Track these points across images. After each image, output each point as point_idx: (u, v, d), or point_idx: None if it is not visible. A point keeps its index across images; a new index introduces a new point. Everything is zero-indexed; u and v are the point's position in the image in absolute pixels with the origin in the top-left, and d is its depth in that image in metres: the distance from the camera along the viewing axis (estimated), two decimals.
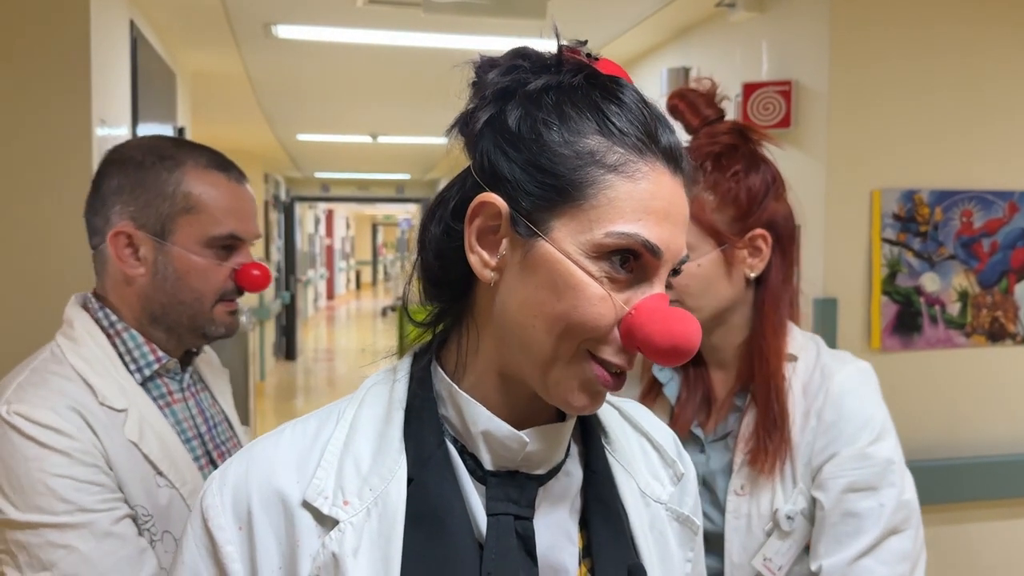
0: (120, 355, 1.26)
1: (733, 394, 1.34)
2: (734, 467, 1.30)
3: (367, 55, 4.10)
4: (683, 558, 0.86)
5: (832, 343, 2.60)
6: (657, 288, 0.72)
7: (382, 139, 7.14)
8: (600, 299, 0.69)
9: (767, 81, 2.78)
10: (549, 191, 0.71)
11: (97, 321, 1.28)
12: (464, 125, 0.77)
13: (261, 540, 0.72)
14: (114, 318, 1.28)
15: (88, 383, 1.20)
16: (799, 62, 2.74)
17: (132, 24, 3.00)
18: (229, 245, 1.29)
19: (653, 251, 0.70)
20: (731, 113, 3.14)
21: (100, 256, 1.30)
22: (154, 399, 1.27)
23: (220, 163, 1.29)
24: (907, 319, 2.63)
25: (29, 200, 2.32)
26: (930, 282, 2.65)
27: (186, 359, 1.37)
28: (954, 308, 2.67)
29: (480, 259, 0.74)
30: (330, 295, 22.29)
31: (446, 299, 0.80)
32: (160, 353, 1.28)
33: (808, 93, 2.68)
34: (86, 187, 2.35)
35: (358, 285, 29.26)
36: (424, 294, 0.81)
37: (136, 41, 3.04)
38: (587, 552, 0.78)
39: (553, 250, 0.70)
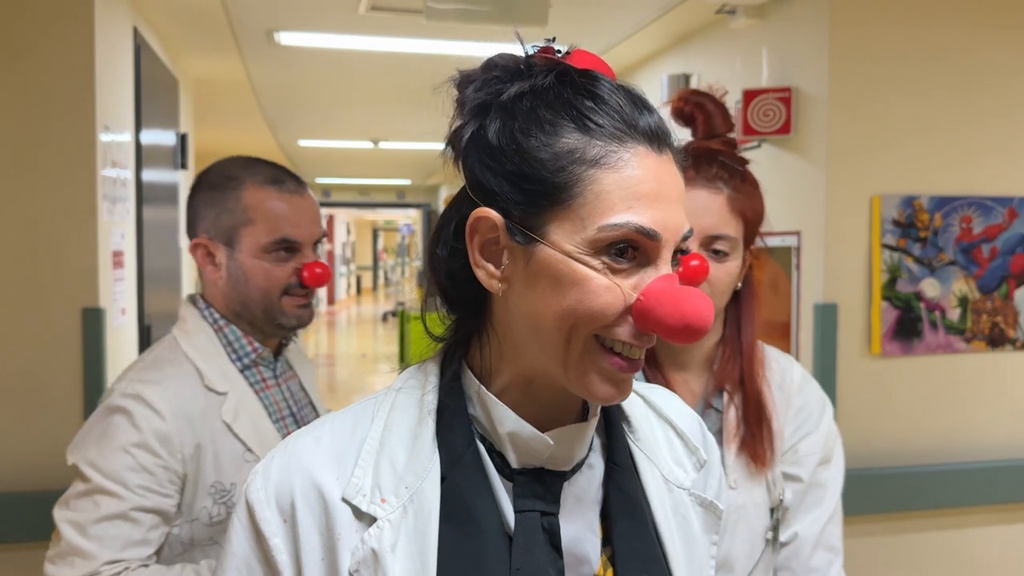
0: (223, 346, 1.49)
1: (711, 396, 1.38)
2: (726, 464, 1.34)
3: (369, 62, 4.12)
4: (708, 541, 0.88)
5: (832, 348, 2.61)
6: (663, 269, 0.72)
7: (383, 145, 7.16)
8: (606, 289, 0.71)
9: (767, 88, 2.80)
10: (537, 197, 0.72)
11: (203, 317, 1.51)
12: (451, 143, 0.79)
13: (305, 532, 0.75)
14: (217, 315, 1.51)
15: (197, 368, 1.43)
16: (799, 69, 2.75)
17: (135, 31, 3.01)
18: (288, 248, 1.48)
19: (649, 235, 0.71)
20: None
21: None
22: (251, 384, 1.50)
23: (275, 178, 1.50)
24: (907, 324, 2.63)
25: (33, 205, 2.33)
26: (930, 287, 2.65)
27: (279, 350, 1.59)
28: (954, 313, 2.67)
29: (486, 272, 0.75)
30: (331, 300, 22.29)
31: (464, 312, 0.82)
32: (256, 344, 1.51)
33: (808, 99, 2.69)
34: (90, 192, 2.37)
35: (359, 290, 29.25)
36: (444, 307, 0.83)
37: (139, 48, 3.06)
38: (607, 541, 0.80)
39: (552, 252, 0.71)
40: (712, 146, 1.36)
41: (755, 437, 1.33)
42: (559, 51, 0.78)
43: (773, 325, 2.88)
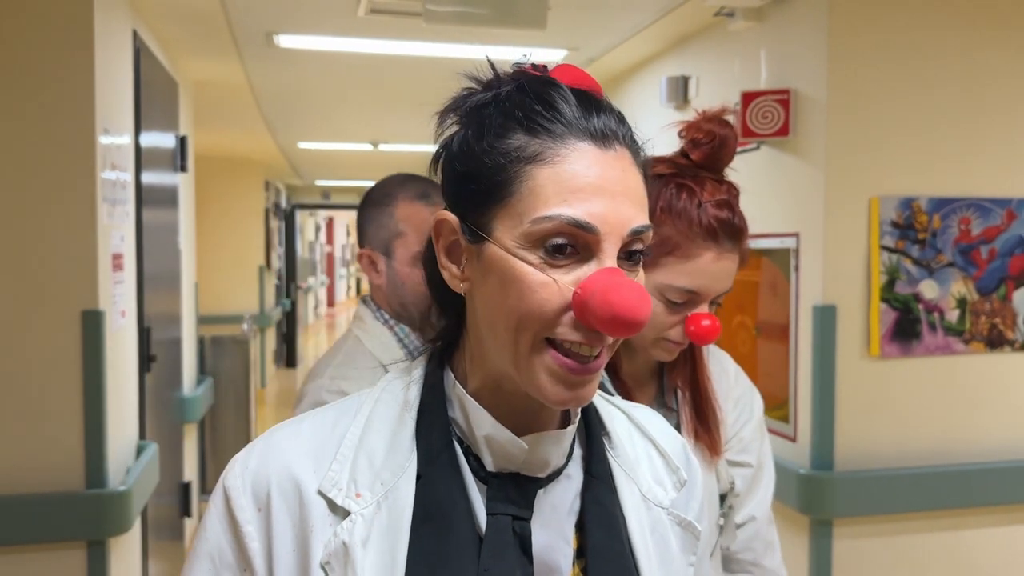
0: (396, 341, 1.64)
1: (668, 396, 1.43)
2: None
3: (368, 64, 4.12)
4: (685, 562, 0.87)
5: (831, 350, 2.61)
6: (607, 262, 0.72)
7: (383, 147, 7.16)
8: (541, 285, 0.71)
9: (766, 90, 2.80)
10: (481, 196, 0.74)
11: (376, 317, 1.67)
12: (434, 162, 0.83)
13: (278, 522, 0.76)
14: (387, 315, 1.67)
15: (380, 363, 1.58)
16: (798, 71, 2.76)
17: (135, 34, 3.02)
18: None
19: (584, 227, 0.71)
20: (730, 122, 3.16)
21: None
22: None
23: (423, 193, 1.66)
24: (906, 326, 2.64)
25: (33, 207, 2.34)
26: (929, 289, 2.66)
27: None
28: (953, 315, 2.68)
29: (450, 273, 0.79)
30: (330, 302, 22.29)
31: (450, 315, 0.85)
32: (421, 340, 1.65)
33: (806, 102, 2.70)
34: (90, 194, 2.37)
35: (358, 292, 29.25)
36: (437, 306, 0.86)
37: (139, 51, 3.06)
38: (580, 553, 0.80)
39: (496, 249, 0.73)
40: (742, 226, 1.33)
41: (708, 429, 1.40)
42: (534, 65, 0.80)
43: (772, 327, 2.88)
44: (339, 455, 0.78)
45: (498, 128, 0.75)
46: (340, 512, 0.76)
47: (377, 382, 0.82)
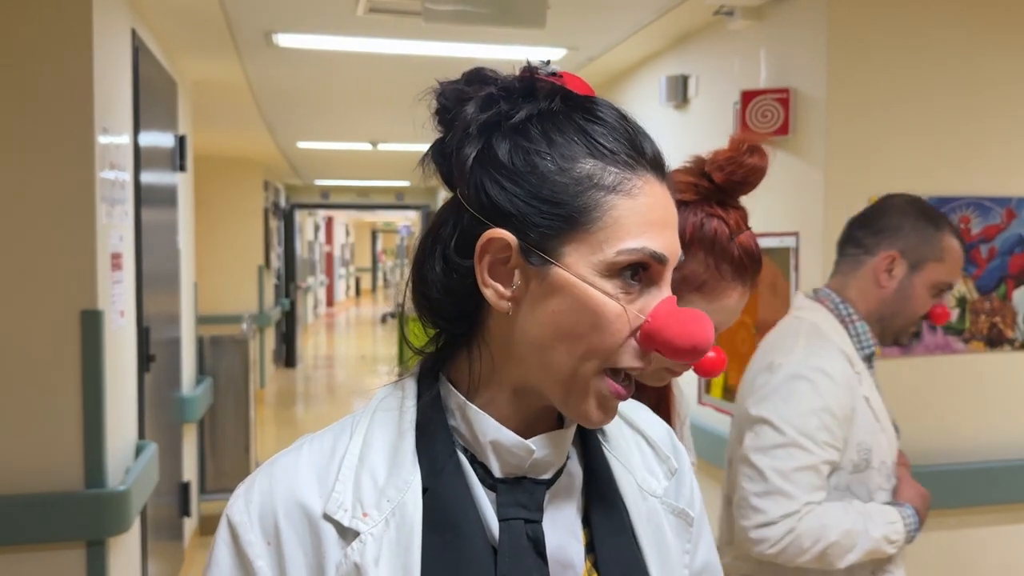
0: (850, 336, 1.77)
1: None
2: None
3: (367, 63, 4.12)
4: (681, 549, 0.88)
5: None
6: (665, 292, 0.76)
7: (382, 146, 7.16)
8: (616, 316, 0.73)
9: (765, 89, 2.80)
10: (556, 220, 0.73)
11: (830, 309, 1.80)
12: (441, 157, 0.79)
13: (290, 553, 0.76)
14: (851, 310, 1.79)
15: (841, 348, 1.73)
16: (797, 70, 2.76)
17: (134, 33, 3.01)
18: (947, 288, 1.80)
19: (661, 260, 0.75)
20: (729, 121, 3.17)
21: (853, 262, 1.82)
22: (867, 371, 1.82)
23: (960, 239, 1.80)
24: None
25: (32, 207, 2.33)
26: None
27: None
28: (952, 314, 2.67)
29: (495, 292, 0.76)
30: (330, 302, 22.29)
31: (453, 328, 0.81)
32: (874, 341, 1.80)
33: (806, 100, 2.70)
34: (89, 194, 2.37)
35: (358, 292, 29.25)
36: (427, 322, 0.83)
37: (138, 50, 3.06)
38: (590, 547, 0.81)
39: (568, 275, 0.73)
40: (761, 260, 1.29)
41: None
42: (552, 73, 0.79)
43: (772, 325, 2.87)
44: (341, 476, 0.77)
45: (564, 149, 0.74)
46: (349, 534, 0.75)
47: (841, 362, 0.79)
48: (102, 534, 2.38)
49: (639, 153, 0.76)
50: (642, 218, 0.74)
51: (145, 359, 3.12)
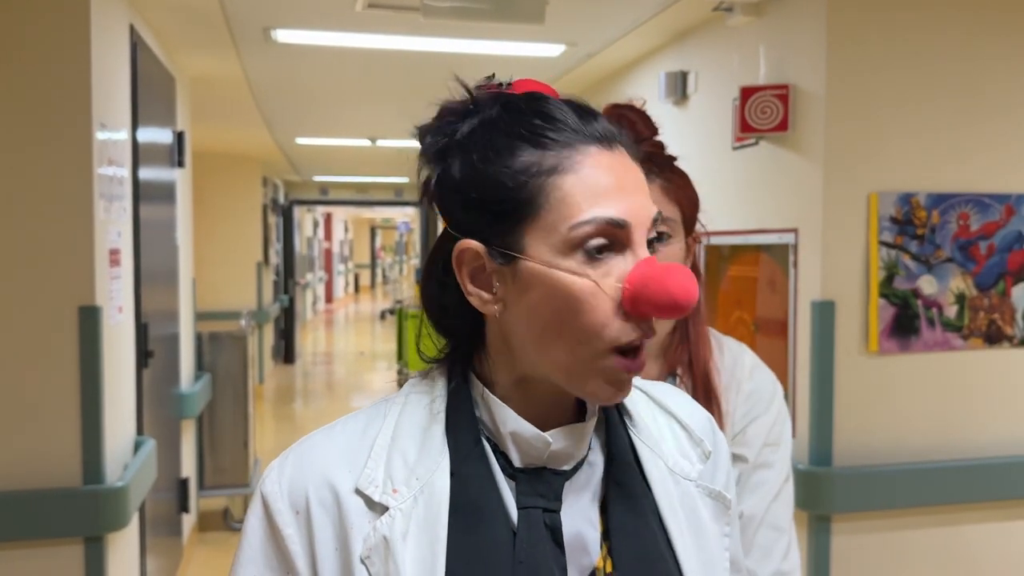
0: None
1: (664, 379, 1.42)
2: None
3: (366, 59, 4.12)
4: (719, 532, 0.90)
5: (830, 346, 2.61)
6: (641, 253, 0.76)
7: (381, 143, 7.15)
8: (592, 293, 0.74)
9: (765, 85, 2.80)
10: (506, 216, 0.76)
11: None
12: (425, 192, 0.84)
13: (318, 525, 0.80)
14: None
15: None
16: (796, 66, 2.75)
17: (132, 29, 3.01)
18: None
19: (619, 224, 0.75)
20: (729, 117, 3.16)
21: None
22: None
23: None
24: (904, 322, 2.64)
25: (30, 203, 2.33)
26: (927, 285, 2.66)
27: None
28: (951, 311, 2.68)
29: (479, 298, 0.80)
30: (328, 298, 22.29)
31: (460, 336, 0.87)
32: None
33: (805, 97, 2.69)
34: (87, 190, 2.36)
35: (356, 288, 29.25)
36: (439, 333, 0.88)
37: (136, 45, 3.05)
38: (606, 535, 0.83)
39: (533, 264, 0.76)
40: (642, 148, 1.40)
41: None
42: (501, 84, 0.83)
43: (770, 323, 2.88)
44: (372, 455, 0.81)
45: (504, 148, 0.77)
46: (378, 508, 0.79)
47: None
48: (100, 530, 2.38)
49: (578, 132, 0.77)
50: (589, 190, 0.75)
51: (143, 355, 3.12)
